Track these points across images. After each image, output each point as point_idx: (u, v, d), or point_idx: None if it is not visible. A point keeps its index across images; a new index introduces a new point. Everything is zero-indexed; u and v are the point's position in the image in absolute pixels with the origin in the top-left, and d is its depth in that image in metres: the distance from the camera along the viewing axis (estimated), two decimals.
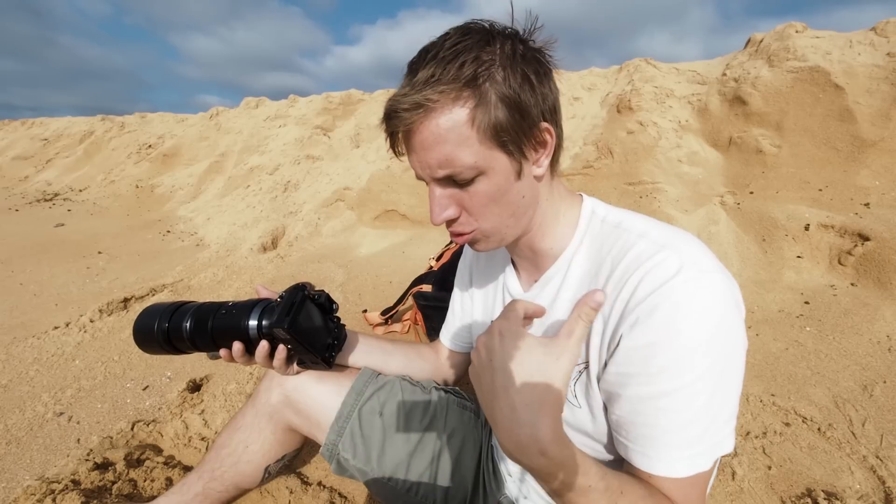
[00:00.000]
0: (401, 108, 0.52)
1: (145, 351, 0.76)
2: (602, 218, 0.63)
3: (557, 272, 0.64)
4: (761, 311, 1.86)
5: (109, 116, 8.51)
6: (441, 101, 0.51)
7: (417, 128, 0.52)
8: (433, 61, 0.52)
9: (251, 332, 0.70)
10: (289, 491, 1.12)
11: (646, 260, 0.52)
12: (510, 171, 0.55)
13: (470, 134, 0.52)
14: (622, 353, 0.52)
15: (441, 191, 0.57)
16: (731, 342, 0.50)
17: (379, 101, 5.18)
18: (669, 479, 0.50)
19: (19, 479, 1.21)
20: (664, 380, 0.49)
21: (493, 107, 0.51)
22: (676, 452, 0.50)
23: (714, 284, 0.50)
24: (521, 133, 0.54)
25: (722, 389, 0.50)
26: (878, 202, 2.22)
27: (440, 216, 0.58)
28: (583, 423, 0.60)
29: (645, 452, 0.51)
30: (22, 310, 2.32)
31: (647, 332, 0.50)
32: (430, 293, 1.72)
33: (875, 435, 1.20)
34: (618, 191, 2.83)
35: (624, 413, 0.53)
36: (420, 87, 0.51)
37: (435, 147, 0.52)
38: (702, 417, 0.49)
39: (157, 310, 0.76)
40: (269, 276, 2.81)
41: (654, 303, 0.49)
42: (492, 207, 0.57)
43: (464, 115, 0.51)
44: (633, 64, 3.62)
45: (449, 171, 0.54)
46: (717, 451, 0.50)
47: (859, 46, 2.63)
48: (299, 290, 0.71)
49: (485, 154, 0.53)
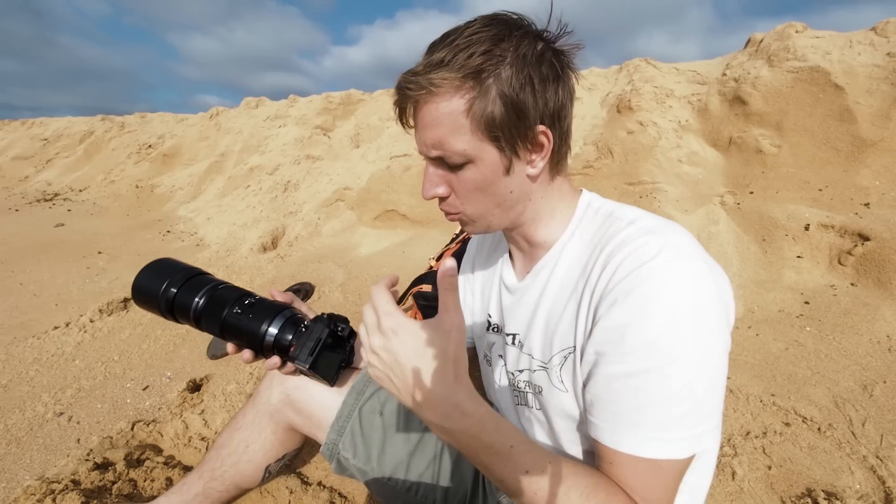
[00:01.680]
0: (407, 85, 0.55)
1: (138, 305, 0.72)
2: (597, 209, 0.64)
3: (549, 261, 0.65)
4: (761, 311, 1.86)
5: (109, 116, 8.51)
6: (444, 87, 0.53)
7: (421, 106, 0.56)
8: (448, 46, 0.54)
9: (266, 341, 0.69)
10: (289, 491, 1.12)
11: (629, 243, 0.53)
12: (498, 165, 0.57)
13: (464, 123, 0.54)
14: (599, 332, 0.53)
15: (434, 169, 0.60)
16: (709, 329, 0.49)
17: (379, 102, 5.18)
18: (634, 460, 0.49)
19: (19, 479, 1.21)
20: (636, 359, 0.49)
21: (490, 101, 0.53)
22: (646, 432, 0.49)
23: (693, 269, 0.50)
24: (515, 132, 0.55)
25: (702, 378, 0.49)
26: (878, 202, 2.22)
27: (430, 191, 0.61)
28: (569, 408, 0.60)
29: (613, 429, 0.51)
30: (22, 310, 2.32)
31: (622, 312, 0.50)
32: (430, 293, 1.72)
33: (875, 435, 1.20)
34: (618, 191, 2.83)
35: (598, 391, 0.53)
36: (429, 70, 0.54)
37: (431, 128, 0.55)
38: (679, 403, 0.48)
39: (168, 268, 0.71)
40: (269, 276, 2.81)
41: (632, 283, 0.50)
42: (477, 195, 0.59)
43: (462, 105, 0.53)
44: (633, 64, 3.62)
45: (440, 153, 0.56)
46: (694, 443, 0.49)
47: (859, 46, 2.63)
48: (325, 324, 0.69)
49: (475, 144, 0.55)
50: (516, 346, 0.69)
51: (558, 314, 0.61)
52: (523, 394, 0.68)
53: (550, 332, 0.62)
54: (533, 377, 0.65)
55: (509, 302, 0.72)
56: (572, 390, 0.59)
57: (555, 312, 0.62)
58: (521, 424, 0.72)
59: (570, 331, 0.58)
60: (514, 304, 0.70)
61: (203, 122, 6.62)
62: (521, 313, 0.68)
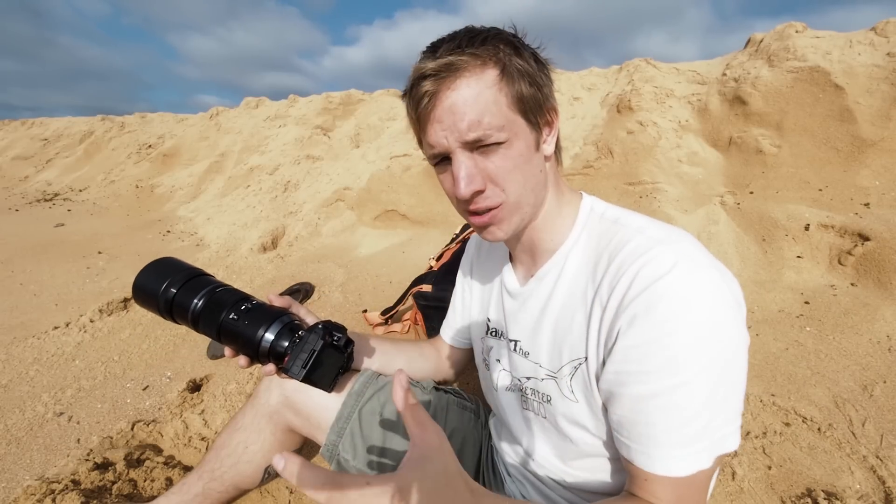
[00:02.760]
0: (429, 70, 0.52)
1: (138, 304, 0.72)
2: (601, 214, 0.63)
3: (554, 266, 0.64)
4: (761, 311, 1.86)
5: (109, 116, 8.51)
6: (470, 63, 0.53)
7: (445, 92, 0.53)
8: (453, 40, 0.54)
9: (262, 347, 0.68)
10: (289, 491, 1.12)
11: (641, 255, 0.52)
12: (531, 141, 0.57)
13: (499, 97, 0.53)
14: (620, 352, 0.52)
15: (469, 161, 0.55)
16: (728, 337, 0.50)
17: (379, 102, 5.18)
18: (667, 479, 0.50)
19: (19, 479, 1.20)
20: (662, 377, 0.49)
21: (516, 76, 0.54)
22: (675, 451, 0.49)
23: (710, 280, 0.50)
24: (538, 106, 0.57)
25: (724, 385, 0.50)
26: (878, 202, 2.22)
27: (469, 186, 0.55)
28: (581, 418, 0.60)
29: (646, 451, 0.51)
30: (22, 310, 2.32)
31: (644, 330, 0.50)
32: (430, 293, 1.72)
33: (875, 435, 1.20)
34: (618, 191, 2.82)
35: (625, 412, 0.53)
36: (447, 53, 0.53)
37: (465, 108, 0.53)
38: (702, 414, 0.49)
39: (170, 268, 0.71)
40: (269, 276, 2.81)
41: (650, 299, 0.50)
42: (517, 175, 0.56)
43: (492, 78, 0.53)
44: (633, 64, 3.62)
45: (479, 134, 0.53)
46: (718, 448, 0.50)
47: (859, 46, 2.63)
48: (320, 335, 0.68)
49: (512, 118, 0.55)
50: (520, 353, 0.68)
51: (567, 323, 0.60)
52: (530, 401, 0.68)
53: (559, 341, 0.61)
54: (540, 385, 0.65)
55: (512, 307, 0.71)
56: (584, 401, 0.59)
57: (563, 321, 0.61)
58: (527, 429, 0.71)
59: (581, 341, 0.58)
60: (517, 310, 0.69)
61: (203, 122, 6.62)
62: (526, 319, 0.67)
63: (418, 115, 0.56)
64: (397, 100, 5.09)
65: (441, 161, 0.58)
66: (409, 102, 0.57)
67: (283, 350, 0.68)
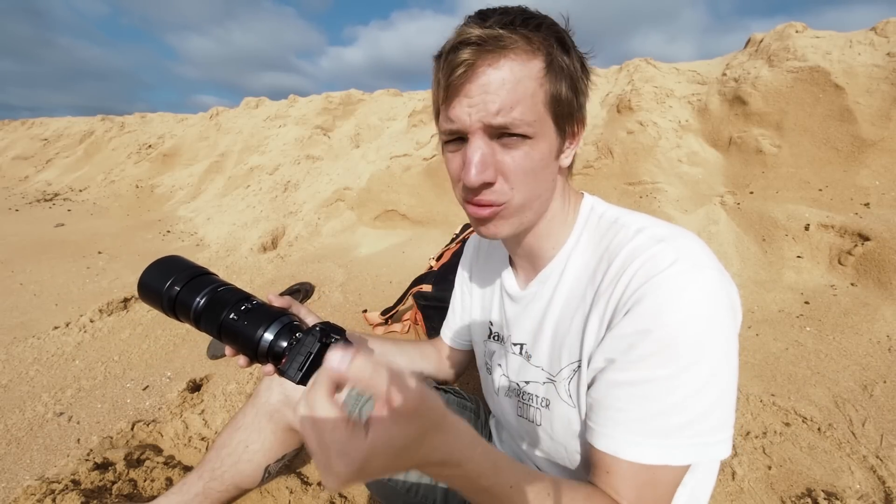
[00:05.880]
0: (474, 37, 0.47)
1: (143, 300, 0.73)
2: (600, 214, 0.63)
3: (555, 269, 0.63)
4: (761, 311, 1.86)
5: (109, 116, 8.51)
6: (520, 45, 0.48)
7: (484, 67, 0.48)
8: (506, 14, 0.50)
9: (261, 347, 0.68)
10: (289, 491, 1.12)
11: (641, 254, 0.52)
12: (554, 147, 0.54)
13: (538, 92, 0.49)
14: (608, 340, 0.52)
15: (487, 147, 0.50)
16: (720, 341, 0.48)
17: (379, 101, 5.18)
18: (627, 465, 0.48)
19: (19, 479, 1.21)
20: (643, 368, 0.48)
21: (559, 76, 0.50)
22: (642, 438, 0.48)
23: (708, 280, 0.49)
24: (570, 113, 0.53)
25: (711, 390, 0.48)
26: (878, 202, 2.22)
27: (480, 175, 0.50)
28: (573, 423, 0.59)
29: (611, 434, 0.50)
30: (22, 310, 2.32)
31: (633, 321, 0.49)
32: (430, 293, 1.72)
33: (875, 435, 1.20)
34: (618, 191, 2.82)
35: (598, 396, 0.52)
36: (497, 25, 0.48)
37: (500, 91, 0.48)
38: (683, 411, 0.47)
39: (174, 266, 0.72)
40: (269, 276, 2.81)
41: (644, 293, 0.49)
42: (529, 179, 0.53)
43: (538, 69, 0.49)
44: (633, 64, 3.62)
45: (506, 121, 0.49)
46: (698, 452, 0.48)
47: (859, 46, 2.63)
48: (317, 338, 0.67)
49: (543, 117, 0.51)
50: (523, 356, 0.68)
51: (566, 326, 0.59)
52: (529, 406, 0.67)
53: (558, 344, 0.60)
54: (540, 390, 0.64)
55: (513, 311, 0.70)
56: (576, 405, 0.58)
57: (563, 324, 0.60)
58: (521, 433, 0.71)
59: (577, 343, 0.57)
60: (518, 314, 0.69)
61: (203, 122, 6.62)
62: (528, 323, 0.66)
63: (448, 83, 0.50)
64: (397, 100, 5.09)
65: (454, 140, 0.53)
66: (442, 67, 0.50)
67: (281, 350, 0.68)
